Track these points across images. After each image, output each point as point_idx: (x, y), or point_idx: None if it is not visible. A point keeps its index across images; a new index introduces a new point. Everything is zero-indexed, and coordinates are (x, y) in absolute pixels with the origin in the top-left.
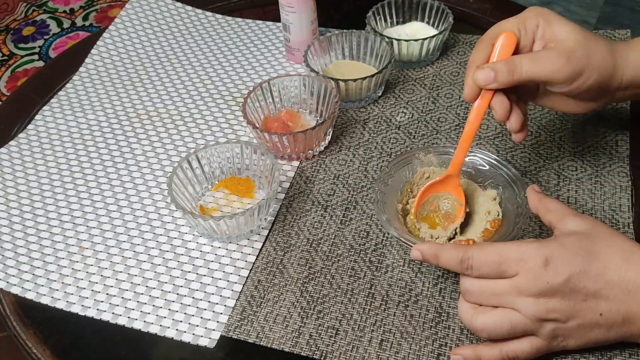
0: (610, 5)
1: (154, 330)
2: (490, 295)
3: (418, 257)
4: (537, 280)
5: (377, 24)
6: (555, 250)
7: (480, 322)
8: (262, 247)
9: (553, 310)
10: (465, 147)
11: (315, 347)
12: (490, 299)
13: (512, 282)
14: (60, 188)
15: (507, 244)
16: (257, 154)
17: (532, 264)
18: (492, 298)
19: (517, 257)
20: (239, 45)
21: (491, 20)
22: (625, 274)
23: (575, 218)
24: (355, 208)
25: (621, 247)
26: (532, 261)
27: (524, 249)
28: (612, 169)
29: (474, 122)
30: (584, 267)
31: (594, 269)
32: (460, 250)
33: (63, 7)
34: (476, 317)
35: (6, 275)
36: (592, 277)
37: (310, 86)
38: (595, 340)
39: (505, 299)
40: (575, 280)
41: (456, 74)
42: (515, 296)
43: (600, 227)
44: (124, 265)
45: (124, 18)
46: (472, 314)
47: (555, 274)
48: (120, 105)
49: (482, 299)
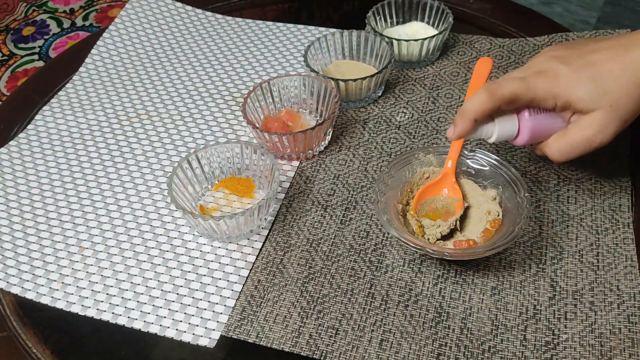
0: (610, 5)
1: (154, 330)
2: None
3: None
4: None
5: (377, 24)
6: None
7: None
8: (262, 247)
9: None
10: (458, 145)
11: (315, 347)
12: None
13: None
14: (60, 188)
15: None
16: (257, 154)
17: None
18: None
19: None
20: (239, 45)
21: (491, 20)
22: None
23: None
24: (355, 208)
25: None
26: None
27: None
28: (612, 169)
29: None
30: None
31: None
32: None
33: (63, 7)
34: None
35: (6, 275)
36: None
37: (310, 86)
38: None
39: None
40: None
41: (456, 74)
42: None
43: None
44: (124, 265)
45: (124, 18)
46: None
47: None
48: (120, 105)
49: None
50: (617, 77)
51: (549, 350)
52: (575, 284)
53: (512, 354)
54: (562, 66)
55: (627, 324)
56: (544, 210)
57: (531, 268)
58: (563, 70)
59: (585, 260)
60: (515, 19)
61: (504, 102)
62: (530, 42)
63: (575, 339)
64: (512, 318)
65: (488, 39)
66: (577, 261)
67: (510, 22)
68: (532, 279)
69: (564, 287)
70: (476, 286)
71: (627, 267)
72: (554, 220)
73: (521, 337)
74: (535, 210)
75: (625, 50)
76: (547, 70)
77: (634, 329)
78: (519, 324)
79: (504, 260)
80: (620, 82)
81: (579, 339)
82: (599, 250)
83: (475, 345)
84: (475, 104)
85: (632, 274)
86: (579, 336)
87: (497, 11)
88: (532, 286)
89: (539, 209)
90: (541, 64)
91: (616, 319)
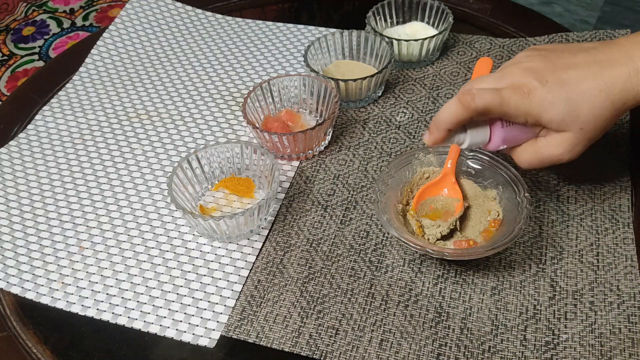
0: (610, 5)
1: (154, 330)
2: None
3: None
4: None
5: (377, 24)
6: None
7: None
8: (262, 247)
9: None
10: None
11: (315, 347)
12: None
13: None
14: (60, 188)
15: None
16: (257, 154)
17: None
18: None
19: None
20: (239, 45)
21: (491, 20)
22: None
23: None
24: (355, 208)
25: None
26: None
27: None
28: (612, 169)
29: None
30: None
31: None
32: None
33: (63, 7)
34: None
35: (6, 275)
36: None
37: (310, 86)
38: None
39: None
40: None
41: (456, 74)
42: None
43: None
44: (124, 265)
45: (124, 18)
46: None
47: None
48: (120, 105)
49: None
50: (590, 98)
51: (549, 350)
52: (575, 284)
53: (512, 354)
54: (537, 83)
55: (627, 324)
56: (544, 210)
57: (531, 268)
58: (538, 88)
59: (585, 260)
60: (515, 19)
61: (476, 114)
62: (530, 42)
63: (575, 339)
64: (512, 318)
65: (488, 39)
66: (577, 261)
67: (510, 22)
68: (532, 279)
69: (564, 287)
70: (476, 286)
71: (627, 267)
72: (554, 220)
73: (521, 337)
74: (535, 210)
75: (601, 68)
76: (522, 86)
77: (634, 329)
78: (519, 324)
79: (504, 260)
80: (593, 104)
81: (579, 339)
82: (599, 250)
83: (475, 345)
84: (448, 115)
85: (632, 274)
86: (579, 336)
87: (497, 11)
88: (532, 286)
89: (539, 209)
90: (516, 76)
91: (616, 319)
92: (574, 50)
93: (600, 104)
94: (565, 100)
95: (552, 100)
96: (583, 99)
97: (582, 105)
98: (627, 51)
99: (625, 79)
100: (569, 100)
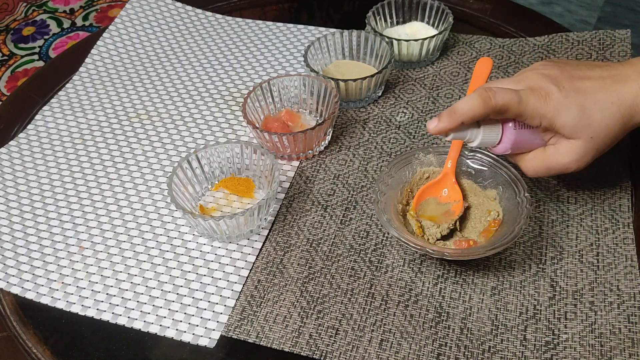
0: (610, 5)
1: (154, 330)
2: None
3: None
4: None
5: (377, 24)
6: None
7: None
8: (262, 247)
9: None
10: (458, 145)
11: (315, 347)
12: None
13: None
14: (60, 188)
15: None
16: (257, 154)
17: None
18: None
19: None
20: (239, 45)
21: (491, 20)
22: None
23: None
24: (355, 208)
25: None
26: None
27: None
28: (612, 169)
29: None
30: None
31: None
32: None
33: (63, 7)
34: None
35: (6, 275)
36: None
37: (310, 86)
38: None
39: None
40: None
41: (456, 74)
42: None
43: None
44: (124, 265)
45: (124, 18)
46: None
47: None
48: (120, 105)
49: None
50: (603, 108)
51: (549, 350)
52: (575, 284)
53: (512, 354)
54: (554, 88)
55: (627, 324)
56: (544, 210)
57: (531, 268)
58: (555, 92)
59: (585, 260)
60: (515, 19)
61: (494, 112)
62: (530, 42)
63: (575, 339)
64: (512, 318)
65: (488, 39)
66: (577, 261)
67: (510, 22)
68: (532, 279)
69: (564, 287)
70: (476, 286)
71: (627, 267)
72: (554, 220)
73: (521, 337)
74: (535, 210)
75: (614, 82)
76: (539, 88)
77: (634, 329)
78: (519, 324)
79: (504, 260)
80: (606, 115)
81: (579, 339)
82: (599, 250)
83: (475, 345)
84: (467, 107)
85: (632, 274)
86: (579, 336)
87: (497, 11)
88: (532, 286)
89: (539, 209)
90: (534, 80)
91: (616, 319)
92: (589, 65)
93: (612, 115)
94: (579, 106)
95: (567, 105)
96: (596, 108)
97: (595, 114)
98: (639, 69)
99: (635, 94)
100: (583, 107)
